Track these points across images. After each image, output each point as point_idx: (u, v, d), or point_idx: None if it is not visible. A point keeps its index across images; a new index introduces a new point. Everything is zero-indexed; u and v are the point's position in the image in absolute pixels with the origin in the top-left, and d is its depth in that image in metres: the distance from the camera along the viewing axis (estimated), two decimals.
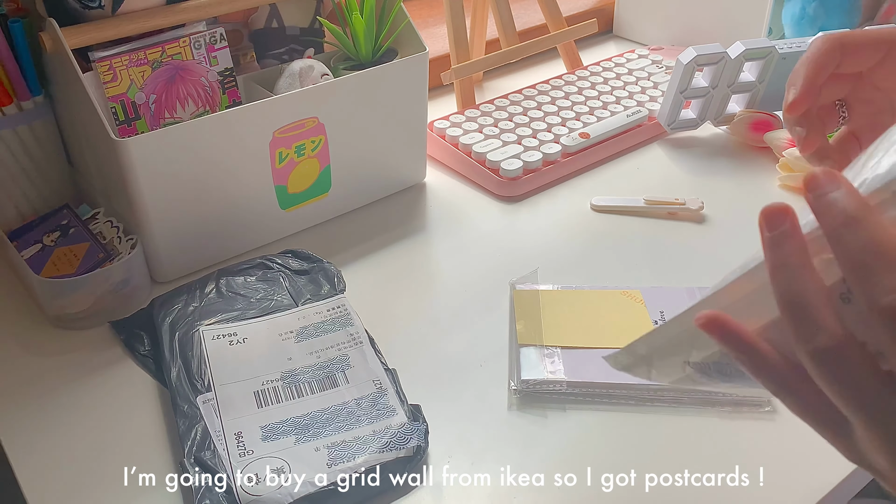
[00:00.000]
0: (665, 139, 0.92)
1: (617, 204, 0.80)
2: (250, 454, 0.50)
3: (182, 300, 0.63)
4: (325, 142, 0.73)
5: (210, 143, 0.66)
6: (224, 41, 0.70)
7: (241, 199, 0.70)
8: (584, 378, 0.57)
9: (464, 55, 0.93)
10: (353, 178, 0.77)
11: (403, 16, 0.78)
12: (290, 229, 0.75)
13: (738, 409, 0.56)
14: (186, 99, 0.69)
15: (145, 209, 0.65)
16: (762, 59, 0.87)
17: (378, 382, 0.56)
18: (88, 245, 0.67)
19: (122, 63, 0.65)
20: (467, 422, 0.56)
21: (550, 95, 0.94)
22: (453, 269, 0.72)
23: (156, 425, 0.56)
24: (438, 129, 0.87)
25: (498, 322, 0.64)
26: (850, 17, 1.04)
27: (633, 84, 0.98)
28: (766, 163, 0.86)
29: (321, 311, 0.62)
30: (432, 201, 0.82)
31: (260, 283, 0.65)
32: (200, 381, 0.56)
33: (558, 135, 0.86)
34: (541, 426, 0.55)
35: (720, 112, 0.90)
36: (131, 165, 0.62)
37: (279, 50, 0.80)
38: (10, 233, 0.69)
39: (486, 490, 0.51)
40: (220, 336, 0.59)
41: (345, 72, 0.76)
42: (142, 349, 0.62)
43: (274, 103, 0.68)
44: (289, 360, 0.58)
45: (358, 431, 0.52)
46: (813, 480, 0.51)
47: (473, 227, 0.77)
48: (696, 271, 0.70)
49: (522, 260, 0.72)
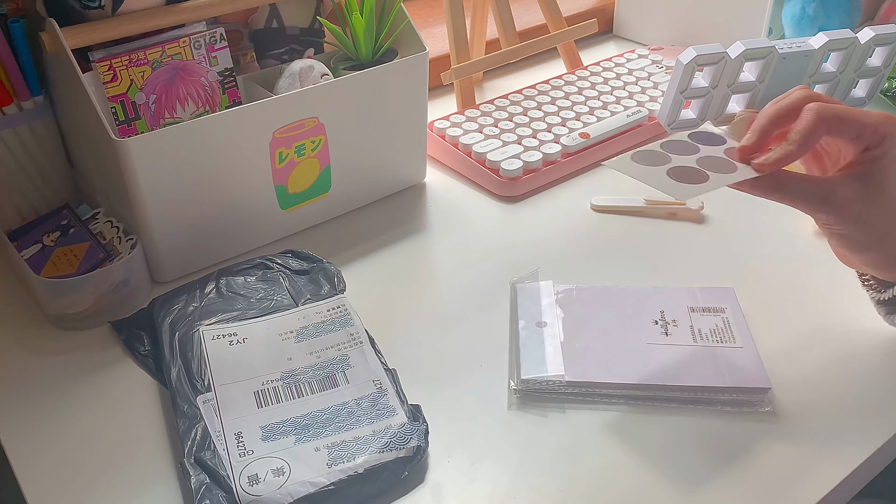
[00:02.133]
0: None
1: (617, 204, 0.80)
2: (250, 454, 0.50)
3: (182, 300, 0.63)
4: (325, 142, 0.73)
5: (210, 143, 0.66)
6: (224, 41, 0.70)
7: (241, 199, 0.70)
8: (584, 378, 0.57)
9: (464, 55, 0.93)
10: (353, 178, 0.77)
11: (403, 16, 0.78)
12: (290, 229, 0.76)
13: (738, 409, 0.56)
14: (186, 99, 0.69)
15: (145, 209, 0.65)
16: (762, 59, 0.87)
17: (378, 382, 0.56)
18: (88, 245, 0.67)
19: (122, 63, 0.65)
20: (467, 422, 0.56)
21: (550, 95, 0.94)
22: (453, 269, 0.72)
23: (156, 425, 0.56)
24: (438, 129, 0.87)
25: (498, 322, 0.64)
26: (850, 16, 1.04)
27: (633, 84, 0.98)
28: None
29: (321, 311, 0.62)
30: (432, 201, 0.82)
31: (260, 283, 0.65)
32: (200, 381, 0.56)
33: (558, 135, 0.86)
34: (541, 426, 0.55)
35: (720, 112, 0.90)
36: (131, 165, 0.62)
37: (279, 50, 0.80)
38: (10, 233, 0.69)
39: (486, 490, 0.51)
40: (220, 336, 0.59)
41: (345, 72, 0.76)
42: (142, 349, 0.62)
43: (274, 103, 0.68)
44: (289, 360, 0.58)
45: (358, 431, 0.52)
46: (813, 480, 0.51)
47: (473, 227, 0.77)
48: (696, 271, 0.70)
49: (522, 260, 0.72)
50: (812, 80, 0.90)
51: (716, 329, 0.62)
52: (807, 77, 0.89)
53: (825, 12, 1.02)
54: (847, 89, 0.92)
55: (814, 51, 0.87)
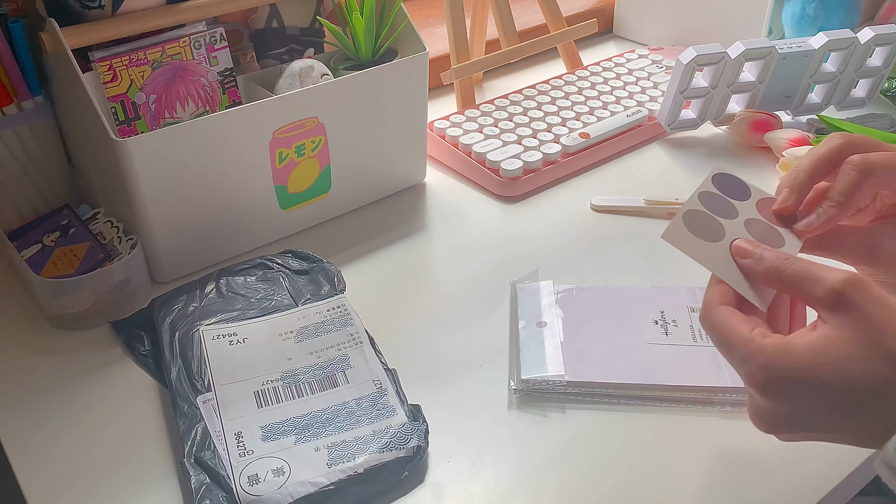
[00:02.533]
0: (665, 139, 0.92)
1: (617, 204, 0.80)
2: (250, 454, 0.50)
3: (182, 300, 0.63)
4: (325, 142, 0.73)
5: (210, 143, 0.66)
6: (224, 41, 0.70)
7: (241, 199, 0.70)
8: (584, 378, 0.57)
9: (464, 55, 0.93)
10: (353, 178, 0.77)
11: (403, 16, 0.78)
12: (290, 229, 0.76)
13: (738, 409, 0.56)
14: (186, 99, 0.69)
15: (145, 209, 0.65)
16: (762, 59, 0.87)
17: (378, 382, 0.56)
18: (88, 245, 0.67)
19: (122, 63, 0.65)
20: (467, 422, 0.56)
21: (550, 95, 0.94)
22: (453, 269, 0.72)
23: (156, 425, 0.56)
24: (438, 129, 0.87)
25: (498, 322, 0.64)
26: (851, 16, 1.04)
27: (633, 84, 0.98)
28: (766, 163, 0.86)
29: (321, 311, 0.62)
30: (432, 201, 0.82)
31: (260, 283, 0.65)
32: (200, 381, 0.56)
33: (558, 135, 0.86)
34: (541, 426, 0.55)
35: (720, 112, 0.90)
36: (131, 165, 0.62)
37: (279, 50, 0.80)
38: (10, 233, 0.69)
39: (486, 490, 0.51)
40: (220, 336, 0.59)
41: (345, 72, 0.76)
42: (142, 349, 0.62)
43: (274, 103, 0.68)
44: (289, 360, 0.58)
45: (358, 431, 0.52)
46: (813, 480, 0.51)
47: (473, 227, 0.77)
48: (696, 271, 0.70)
49: (522, 260, 0.72)
50: (812, 80, 0.90)
51: None
52: (807, 77, 0.89)
53: (825, 12, 1.02)
54: (847, 89, 0.93)
55: (814, 51, 0.87)
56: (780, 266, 0.42)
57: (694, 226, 0.50)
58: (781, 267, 0.42)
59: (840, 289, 0.38)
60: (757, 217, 0.50)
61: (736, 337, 0.41)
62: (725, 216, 0.50)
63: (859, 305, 0.37)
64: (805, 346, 0.38)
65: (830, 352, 0.37)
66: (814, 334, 0.39)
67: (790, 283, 0.42)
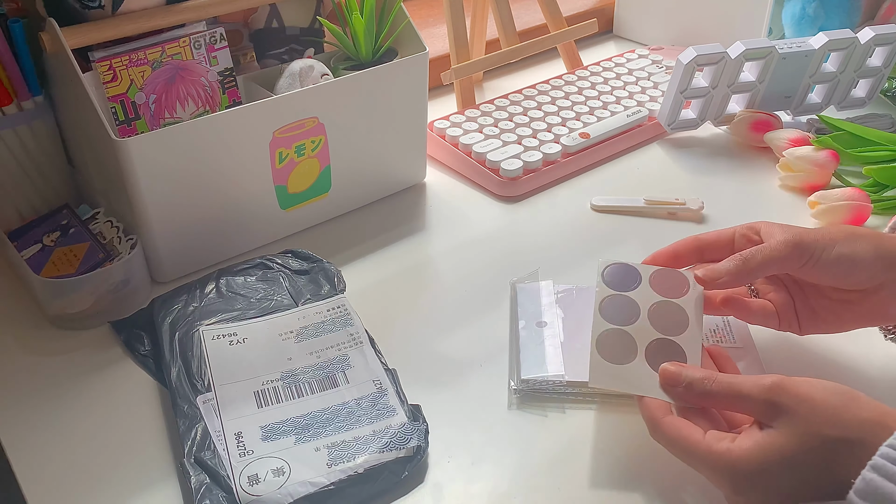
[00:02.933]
0: (665, 139, 0.92)
1: (617, 204, 0.80)
2: (250, 454, 0.50)
3: (182, 300, 0.63)
4: (325, 142, 0.73)
5: (210, 143, 0.66)
6: (224, 41, 0.70)
7: (241, 199, 0.70)
8: (584, 378, 0.57)
9: (464, 55, 0.93)
10: (353, 178, 0.77)
11: (403, 16, 0.78)
12: (290, 229, 0.76)
13: None
14: (186, 99, 0.69)
15: (145, 209, 0.65)
16: (762, 59, 0.87)
17: (378, 382, 0.56)
18: (88, 245, 0.67)
19: (122, 63, 0.65)
20: (467, 422, 0.56)
21: (550, 95, 0.94)
22: (453, 269, 0.72)
23: (156, 425, 0.56)
24: (438, 129, 0.87)
25: (498, 322, 0.64)
26: (851, 16, 1.04)
27: (633, 84, 0.98)
28: (766, 163, 0.86)
29: (321, 311, 0.62)
30: (432, 201, 0.82)
31: (260, 283, 0.65)
32: (200, 381, 0.56)
33: (558, 135, 0.86)
34: (541, 426, 0.55)
35: (720, 112, 0.90)
36: (131, 165, 0.62)
37: (279, 50, 0.80)
38: (10, 233, 0.69)
39: (486, 490, 0.51)
40: (220, 336, 0.59)
41: (345, 72, 0.76)
42: (142, 349, 0.62)
43: (274, 103, 0.68)
44: (289, 360, 0.58)
45: (358, 431, 0.52)
46: None
47: (473, 227, 0.77)
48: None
49: (522, 260, 0.72)
50: (812, 80, 0.90)
51: (716, 329, 0.62)
52: (807, 77, 0.89)
53: (825, 12, 1.02)
54: (847, 89, 0.93)
55: (814, 51, 0.87)
56: (708, 389, 0.47)
57: (608, 350, 0.53)
58: (709, 389, 0.47)
59: (769, 399, 0.44)
60: (656, 299, 0.55)
61: (692, 446, 0.46)
62: (628, 318, 0.54)
63: (789, 408, 0.43)
64: (756, 447, 0.44)
65: (776, 450, 0.43)
66: (760, 434, 0.44)
67: (721, 402, 0.48)
